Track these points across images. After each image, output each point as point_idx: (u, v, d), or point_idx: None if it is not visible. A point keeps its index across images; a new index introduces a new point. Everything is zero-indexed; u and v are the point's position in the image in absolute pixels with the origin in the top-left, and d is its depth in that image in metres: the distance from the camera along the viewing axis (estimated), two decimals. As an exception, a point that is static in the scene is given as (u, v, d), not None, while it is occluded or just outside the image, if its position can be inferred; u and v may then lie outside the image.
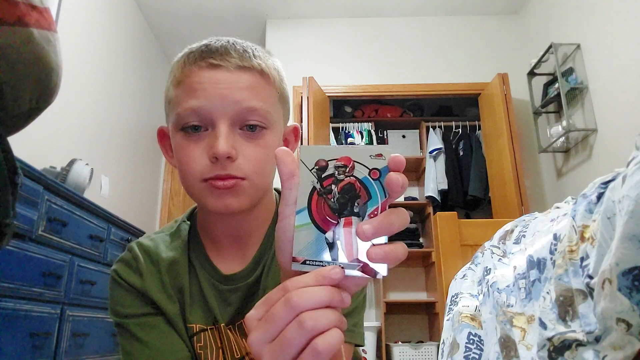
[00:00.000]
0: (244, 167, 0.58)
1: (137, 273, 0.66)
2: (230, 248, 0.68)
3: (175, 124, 0.61)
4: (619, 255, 0.62)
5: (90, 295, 2.01)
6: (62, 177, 2.12)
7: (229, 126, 0.58)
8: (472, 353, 1.07)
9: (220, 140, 0.56)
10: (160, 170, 4.38)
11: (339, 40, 3.91)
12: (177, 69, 0.64)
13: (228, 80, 0.59)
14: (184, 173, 0.60)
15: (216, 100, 0.58)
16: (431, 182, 3.71)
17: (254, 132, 0.60)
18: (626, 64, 2.65)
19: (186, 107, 0.59)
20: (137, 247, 0.69)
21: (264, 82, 0.62)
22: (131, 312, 0.64)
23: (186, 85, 0.60)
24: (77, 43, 2.80)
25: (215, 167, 0.57)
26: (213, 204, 0.59)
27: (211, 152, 0.57)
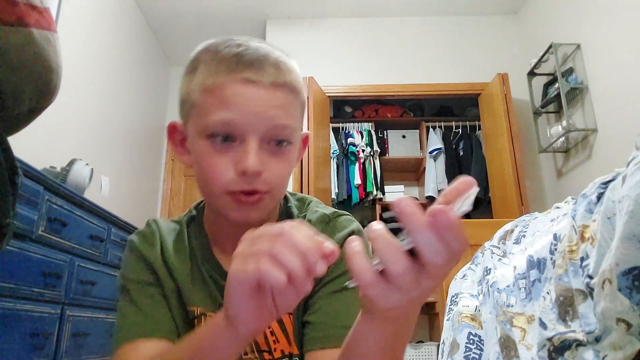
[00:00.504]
0: (268, 181, 0.59)
1: (150, 245, 0.69)
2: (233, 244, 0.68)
3: (201, 131, 0.60)
4: (619, 255, 0.62)
5: (90, 295, 2.01)
6: (62, 177, 2.12)
7: (258, 142, 0.58)
8: (472, 353, 1.07)
9: (251, 156, 0.57)
10: (160, 170, 4.38)
11: (339, 40, 3.91)
12: (206, 74, 0.60)
13: (262, 98, 0.58)
14: (208, 182, 0.60)
15: (249, 116, 0.57)
16: (431, 182, 3.71)
17: (280, 148, 0.61)
18: (626, 64, 2.65)
19: (217, 119, 0.58)
20: (155, 224, 0.72)
21: (293, 98, 0.62)
22: (135, 278, 0.66)
23: (217, 96, 0.58)
24: (77, 43, 2.80)
25: (241, 180, 0.58)
26: (235, 215, 0.60)
27: (240, 167, 0.57)
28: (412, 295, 0.36)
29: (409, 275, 0.34)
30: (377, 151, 3.79)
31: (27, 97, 0.75)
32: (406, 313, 0.41)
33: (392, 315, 0.39)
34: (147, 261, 0.67)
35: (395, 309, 0.37)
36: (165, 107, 4.52)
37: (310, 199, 0.77)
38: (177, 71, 4.66)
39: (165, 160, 4.42)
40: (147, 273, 0.67)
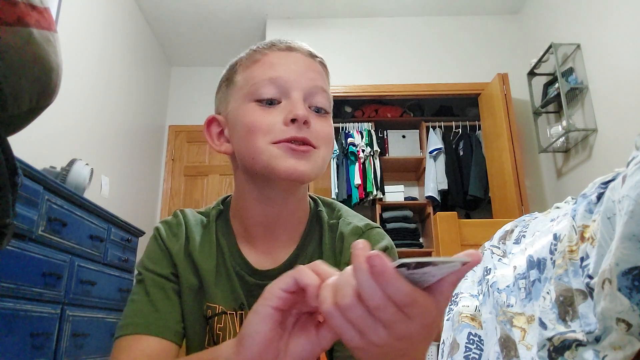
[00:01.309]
0: (316, 137, 0.61)
1: (174, 237, 0.69)
2: (261, 241, 0.69)
3: (249, 95, 0.63)
4: (619, 255, 0.62)
5: (90, 295, 2.01)
6: (62, 177, 2.12)
7: (302, 98, 0.62)
8: (472, 353, 1.07)
9: (299, 105, 0.60)
10: (160, 170, 4.38)
11: (339, 40, 3.91)
12: (250, 55, 0.67)
13: (304, 62, 0.65)
14: (253, 137, 0.61)
15: (293, 74, 0.63)
16: (431, 182, 3.71)
17: (320, 113, 0.64)
18: (626, 64, 2.65)
19: (264, 77, 0.62)
20: (182, 215, 0.72)
21: (326, 75, 0.69)
22: (153, 269, 0.66)
23: (263, 62, 0.64)
24: (77, 43, 2.80)
25: (290, 129, 0.60)
26: (284, 165, 0.59)
27: (290, 115, 0.59)
28: (393, 343, 0.35)
29: (366, 319, 0.34)
30: (377, 151, 3.79)
31: (27, 97, 0.75)
32: None
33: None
34: (169, 253, 0.67)
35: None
36: (165, 107, 4.52)
37: (340, 206, 0.76)
38: (177, 71, 4.66)
39: (165, 160, 4.42)
40: (166, 266, 0.66)
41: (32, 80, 0.74)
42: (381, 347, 0.35)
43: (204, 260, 0.67)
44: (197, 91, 4.58)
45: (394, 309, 0.33)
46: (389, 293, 0.33)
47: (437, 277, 0.35)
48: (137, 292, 0.65)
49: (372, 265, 0.32)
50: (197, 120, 4.48)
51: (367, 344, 0.35)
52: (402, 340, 0.35)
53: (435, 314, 0.35)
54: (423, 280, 0.34)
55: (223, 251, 0.69)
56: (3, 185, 0.73)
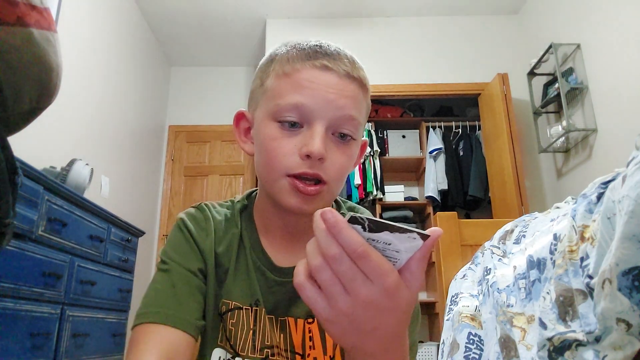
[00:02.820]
0: (329, 172, 0.60)
1: (204, 232, 0.68)
2: (282, 241, 0.69)
3: (272, 114, 0.61)
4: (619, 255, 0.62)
5: (90, 295, 2.01)
6: (62, 177, 2.12)
7: (325, 129, 0.59)
8: (472, 353, 1.07)
9: (317, 140, 0.58)
10: (160, 170, 4.38)
11: (338, 40, 3.86)
12: (285, 61, 0.63)
13: (337, 86, 0.60)
14: (270, 164, 0.61)
15: (321, 101, 0.59)
16: (431, 182, 3.71)
17: (344, 141, 0.62)
18: (626, 64, 2.65)
19: (290, 101, 0.60)
20: (207, 210, 0.71)
21: (362, 94, 0.64)
22: (182, 262, 0.65)
23: (294, 80, 0.61)
24: (77, 43, 2.80)
25: (304, 164, 0.59)
26: (290, 202, 0.60)
27: (305, 150, 0.58)
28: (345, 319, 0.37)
29: (332, 282, 0.36)
30: (377, 151, 3.79)
31: (27, 97, 0.75)
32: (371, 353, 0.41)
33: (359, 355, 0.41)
34: (199, 249, 0.67)
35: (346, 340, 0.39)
36: (165, 107, 4.52)
37: (363, 210, 0.76)
38: (177, 71, 4.66)
39: (165, 160, 4.42)
40: (195, 261, 0.66)
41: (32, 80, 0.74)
42: (349, 317, 0.37)
43: (226, 257, 0.67)
44: (197, 91, 4.58)
45: (349, 262, 0.35)
46: (341, 242, 0.35)
47: (403, 255, 0.37)
48: (161, 282, 0.63)
49: (325, 220, 0.36)
50: (197, 121, 4.48)
51: (335, 312, 0.37)
52: (366, 308, 0.37)
53: (399, 284, 0.37)
54: (389, 256, 0.37)
55: (245, 246, 0.69)
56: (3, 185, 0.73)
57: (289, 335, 0.67)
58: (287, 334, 0.67)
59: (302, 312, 0.67)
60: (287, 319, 0.67)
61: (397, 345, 0.41)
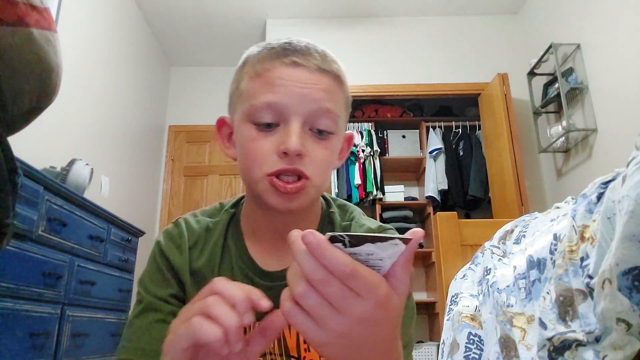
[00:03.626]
0: (309, 167, 0.59)
1: (179, 249, 0.67)
2: (269, 245, 0.68)
3: (247, 115, 0.61)
4: (619, 255, 0.62)
5: (90, 295, 2.01)
6: (62, 177, 2.12)
7: (301, 124, 0.59)
8: (472, 353, 1.07)
9: (293, 136, 0.57)
10: (160, 170, 4.38)
11: (338, 40, 3.91)
12: (256, 62, 0.63)
13: (308, 80, 0.60)
14: (250, 165, 0.61)
15: (294, 97, 0.59)
16: (431, 182, 3.71)
17: (322, 136, 0.61)
18: (626, 64, 2.65)
19: (263, 101, 0.59)
20: (184, 224, 0.70)
21: (338, 86, 0.64)
22: (152, 290, 0.65)
23: (265, 79, 0.61)
24: (77, 43, 2.80)
25: (282, 161, 0.58)
26: (274, 201, 0.60)
27: (282, 147, 0.58)
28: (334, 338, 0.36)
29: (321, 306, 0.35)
30: (377, 151, 3.79)
31: (27, 97, 0.75)
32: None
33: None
34: (173, 269, 0.66)
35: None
36: (165, 107, 4.52)
37: (353, 208, 0.76)
38: (177, 71, 4.66)
39: (165, 160, 4.42)
40: (166, 286, 0.65)
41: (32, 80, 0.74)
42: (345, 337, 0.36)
43: (208, 270, 0.67)
44: (197, 91, 4.58)
45: (338, 283, 0.34)
46: (327, 265, 0.34)
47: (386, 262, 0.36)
48: (135, 314, 0.64)
49: (306, 243, 0.34)
50: (197, 121, 4.48)
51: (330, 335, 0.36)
52: (362, 325, 0.35)
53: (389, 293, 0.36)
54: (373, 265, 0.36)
55: (230, 254, 0.68)
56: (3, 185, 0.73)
57: (282, 339, 0.66)
58: (281, 339, 0.66)
59: None
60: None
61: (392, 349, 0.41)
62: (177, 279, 0.66)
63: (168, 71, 4.61)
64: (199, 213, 0.73)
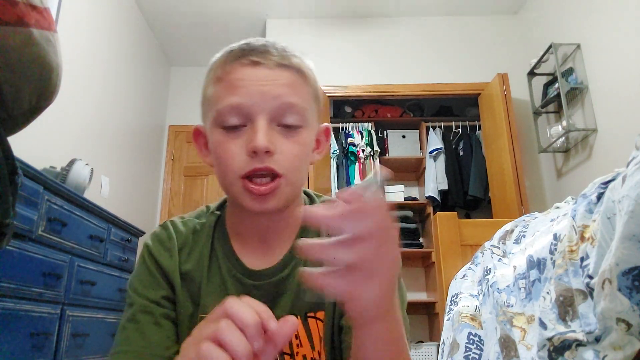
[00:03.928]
0: (281, 163, 0.59)
1: (168, 252, 0.67)
2: (255, 244, 0.68)
3: (215, 120, 0.62)
4: (619, 255, 0.62)
5: (90, 295, 2.01)
6: (62, 177, 2.12)
7: (267, 122, 0.59)
8: (472, 353, 1.07)
9: (259, 134, 0.57)
10: (160, 170, 4.38)
11: (338, 41, 3.91)
12: (217, 67, 0.65)
13: (268, 77, 0.60)
14: (222, 169, 0.61)
15: (256, 96, 0.59)
16: (431, 182, 3.71)
17: (290, 130, 0.61)
18: (626, 64, 2.65)
19: (226, 104, 0.60)
20: (172, 227, 0.70)
21: (301, 80, 0.64)
22: (143, 292, 0.64)
23: (226, 82, 0.61)
24: (77, 43, 2.80)
25: (253, 161, 0.58)
26: (250, 204, 0.60)
27: (250, 146, 0.58)
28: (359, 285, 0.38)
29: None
30: (377, 151, 3.79)
31: (27, 97, 0.75)
32: (382, 309, 0.42)
33: (373, 314, 0.42)
34: (163, 271, 0.66)
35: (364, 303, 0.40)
36: (165, 107, 4.52)
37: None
38: (177, 71, 4.66)
39: (165, 161, 4.42)
40: (157, 289, 0.65)
41: (32, 80, 0.74)
42: (360, 265, 0.38)
43: (197, 272, 0.66)
44: (197, 91, 4.44)
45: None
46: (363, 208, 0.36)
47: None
48: (126, 318, 0.63)
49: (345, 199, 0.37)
50: (197, 121, 4.39)
51: (350, 277, 0.38)
52: (367, 242, 0.37)
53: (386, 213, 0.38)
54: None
55: (217, 256, 0.68)
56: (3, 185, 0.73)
57: None
58: None
59: (283, 313, 0.66)
60: None
61: (394, 289, 0.44)
62: (167, 281, 0.66)
63: (168, 71, 4.61)
64: (186, 216, 0.73)
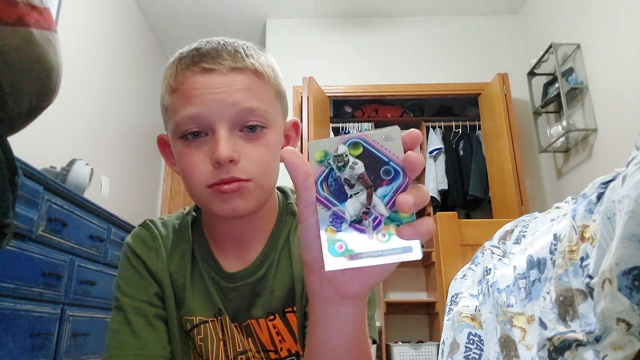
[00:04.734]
0: (247, 169, 0.58)
1: (154, 252, 0.67)
2: (231, 247, 0.68)
3: (174, 131, 0.60)
4: (619, 255, 0.62)
5: (90, 295, 2.01)
6: (62, 177, 2.12)
7: (228, 129, 0.57)
8: (472, 353, 1.07)
9: (221, 144, 0.56)
10: (160, 170, 4.38)
11: (339, 40, 3.91)
12: (170, 75, 0.62)
13: (223, 84, 0.58)
14: (188, 180, 0.60)
15: (213, 105, 0.57)
16: (431, 182, 3.71)
17: (254, 133, 0.59)
18: (626, 64, 2.65)
19: (184, 115, 0.58)
20: (154, 227, 0.70)
21: (259, 81, 0.61)
22: (132, 293, 0.64)
23: (181, 93, 0.59)
24: (77, 43, 2.80)
25: (219, 172, 0.57)
26: (220, 208, 0.58)
27: (213, 157, 0.56)
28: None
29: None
30: (377, 151, 3.79)
31: (27, 97, 0.75)
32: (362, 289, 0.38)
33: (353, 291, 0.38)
34: (150, 270, 0.65)
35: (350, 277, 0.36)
36: (165, 107, 4.53)
37: None
38: (177, 71, 4.66)
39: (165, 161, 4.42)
40: (145, 288, 0.64)
41: (32, 80, 0.74)
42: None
43: (180, 273, 0.66)
44: (197, 91, 4.57)
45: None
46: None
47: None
48: (117, 321, 0.63)
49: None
50: (197, 120, 4.48)
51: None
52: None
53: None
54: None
55: (197, 258, 0.68)
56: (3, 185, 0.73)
57: (256, 337, 0.66)
58: (255, 337, 0.66)
59: (262, 312, 0.66)
60: (249, 322, 0.66)
61: None
62: (155, 280, 0.65)
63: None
64: (165, 217, 0.73)
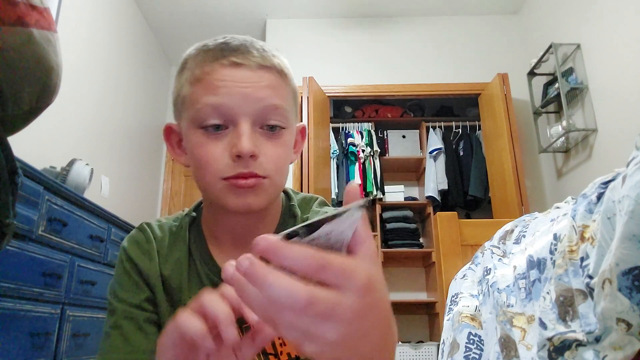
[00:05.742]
0: (265, 166, 0.59)
1: (147, 255, 0.66)
2: (231, 245, 0.68)
3: (194, 120, 0.60)
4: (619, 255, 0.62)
5: (90, 295, 2.01)
6: (62, 177, 2.12)
7: (251, 125, 0.58)
8: (472, 353, 1.07)
9: (244, 138, 0.56)
10: (160, 170, 4.38)
11: (339, 40, 3.91)
12: (194, 66, 0.62)
13: (251, 79, 0.58)
14: (203, 171, 0.60)
15: (238, 98, 0.57)
16: (431, 182, 3.71)
17: (273, 132, 0.60)
18: (626, 64, 2.65)
19: (206, 103, 0.58)
20: (148, 230, 0.69)
21: (282, 81, 0.62)
22: (124, 297, 0.64)
23: (207, 83, 0.59)
24: (77, 43, 2.80)
25: (237, 165, 0.57)
26: (234, 202, 0.59)
27: (234, 151, 0.57)
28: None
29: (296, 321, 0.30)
30: (377, 151, 3.79)
31: (27, 97, 0.75)
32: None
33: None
34: (142, 274, 0.65)
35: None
36: (165, 107, 4.52)
37: (315, 198, 0.75)
38: (177, 71, 4.66)
39: (165, 160, 4.42)
40: (138, 291, 0.64)
41: (32, 80, 0.74)
42: (343, 342, 0.30)
43: (176, 276, 0.66)
44: (197, 91, 4.57)
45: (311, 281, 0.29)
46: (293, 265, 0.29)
47: (347, 233, 0.32)
48: (109, 325, 0.63)
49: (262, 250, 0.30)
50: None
51: (327, 349, 0.31)
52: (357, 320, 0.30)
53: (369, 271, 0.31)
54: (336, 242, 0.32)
55: (195, 259, 0.67)
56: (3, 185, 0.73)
57: None
58: None
59: None
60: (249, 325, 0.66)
61: (390, 330, 0.36)
62: (147, 284, 0.65)
63: (168, 71, 4.61)
64: (163, 219, 0.73)
